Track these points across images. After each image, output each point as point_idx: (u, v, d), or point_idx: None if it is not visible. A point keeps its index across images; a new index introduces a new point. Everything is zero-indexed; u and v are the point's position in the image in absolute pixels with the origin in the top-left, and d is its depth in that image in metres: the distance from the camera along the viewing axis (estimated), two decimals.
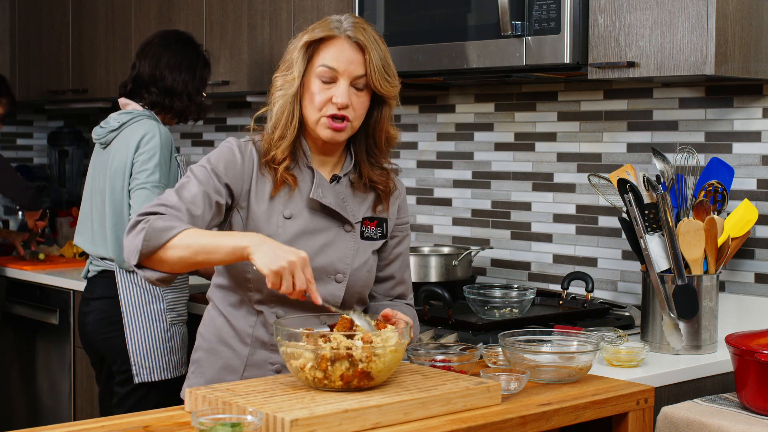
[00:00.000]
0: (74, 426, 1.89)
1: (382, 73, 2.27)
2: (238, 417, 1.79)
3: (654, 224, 2.72)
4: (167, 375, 3.33)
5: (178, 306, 3.39)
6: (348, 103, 2.25)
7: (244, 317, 2.35)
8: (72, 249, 4.65)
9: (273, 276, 2.04)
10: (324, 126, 2.27)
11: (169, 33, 3.60)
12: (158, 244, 2.14)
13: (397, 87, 2.32)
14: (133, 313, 3.32)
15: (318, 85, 2.26)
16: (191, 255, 2.13)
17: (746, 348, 2.34)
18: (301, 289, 2.06)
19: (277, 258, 2.05)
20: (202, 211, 2.22)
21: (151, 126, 3.34)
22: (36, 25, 5.04)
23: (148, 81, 3.45)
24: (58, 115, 5.59)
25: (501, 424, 1.96)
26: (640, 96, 3.20)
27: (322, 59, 2.26)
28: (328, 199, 2.31)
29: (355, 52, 2.26)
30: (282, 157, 2.29)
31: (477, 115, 3.65)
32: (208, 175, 2.26)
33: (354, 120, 2.28)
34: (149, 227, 2.14)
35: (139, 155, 3.29)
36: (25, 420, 4.44)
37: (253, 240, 2.10)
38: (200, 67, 3.53)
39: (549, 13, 2.82)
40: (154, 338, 3.32)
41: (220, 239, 2.13)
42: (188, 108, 3.50)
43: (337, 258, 2.32)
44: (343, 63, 2.25)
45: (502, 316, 2.97)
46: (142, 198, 3.24)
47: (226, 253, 2.12)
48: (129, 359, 3.32)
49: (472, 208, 3.68)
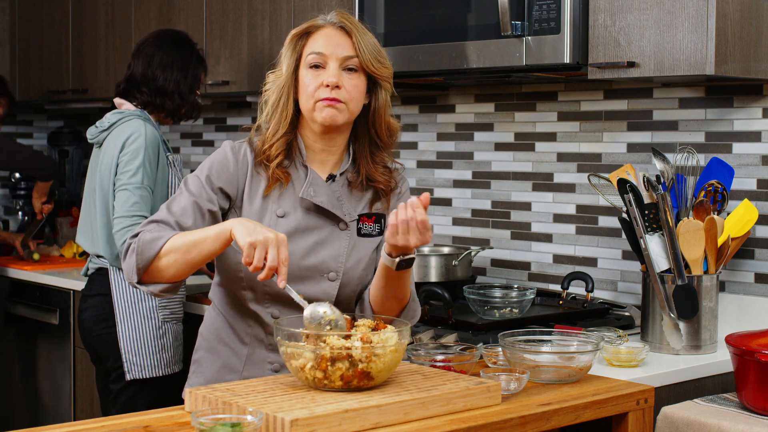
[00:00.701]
0: (74, 426, 1.90)
1: (372, 52, 2.29)
2: (238, 417, 1.79)
3: (654, 224, 2.72)
4: (158, 372, 3.35)
5: (170, 304, 3.39)
6: (339, 83, 2.26)
7: (241, 317, 2.36)
8: (72, 249, 4.65)
9: (248, 248, 2.06)
10: (320, 108, 2.27)
11: (164, 32, 3.62)
12: (151, 255, 2.18)
13: (389, 69, 2.34)
14: (126, 310, 3.34)
15: (309, 74, 2.29)
16: (183, 254, 2.17)
17: (746, 348, 2.34)
18: (272, 266, 2.06)
19: (255, 232, 2.08)
20: (192, 221, 2.26)
21: (137, 126, 3.36)
22: (36, 25, 5.04)
23: (140, 81, 3.48)
24: (58, 115, 5.59)
25: (501, 424, 1.96)
26: (640, 96, 3.20)
27: (310, 48, 2.30)
28: (319, 198, 2.31)
29: (342, 36, 2.29)
30: (275, 154, 2.30)
31: (477, 115, 3.65)
32: (200, 184, 2.29)
33: (349, 102, 2.28)
34: (139, 242, 2.20)
35: (123, 155, 3.32)
36: (26, 420, 4.44)
37: (235, 221, 2.14)
38: (193, 66, 3.54)
39: (549, 13, 2.82)
40: (145, 335, 3.34)
41: (207, 230, 2.18)
42: (180, 107, 3.52)
43: (330, 257, 2.32)
44: (331, 46, 2.28)
45: (502, 316, 2.97)
46: (123, 199, 3.27)
47: (213, 239, 2.15)
48: (121, 356, 3.34)
49: (472, 208, 3.68)
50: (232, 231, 2.11)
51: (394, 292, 2.29)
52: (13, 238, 4.65)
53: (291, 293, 2.12)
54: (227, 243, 2.15)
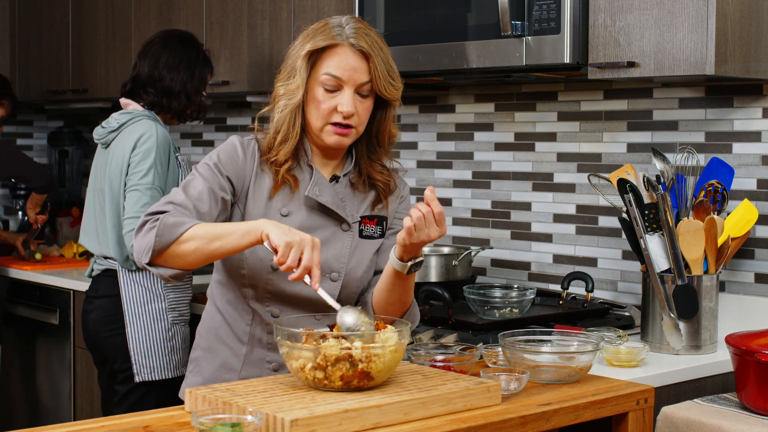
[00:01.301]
0: (74, 426, 1.89)
1: (386, 78, 2.27)
2: (238, 417, 1.79)
3: (654, 224, 2.72)
4: (167, 374, 3.34)
5: (179, 306, 3.39)
6: (353, 112, 2.25)
7: (241, 315, 2.35)
8: (72, 249, 4.65)
9: (285, 247, 2.04)
10: (330, 133, 2.27)
11: (171, 33, 3.61)
12: (171, 239, 2.15)
13: (400, 89, 2.32)
14: (135, 311, 3.33)
15: (322, 93, 2.26)
16: (205, 244, 2.14)
17: (746, 348, 2.34)
18: (307, 266, 2.05)
19: (292, 233, 2.07)
20: (208, 207, 2.24)
21: (148, 126, 3.35)
22: (36, 25, 5.04)
23: (146, 81, 3.47)
24: (58, 115, 5.59)
25: (501, 424, 1.96)
26: (640, 96, 3.20)
27: (325, 67, 2.25)
28: (324, 198, 2.31)
29: (359, 60, 2.25)
30: (284, 159, 2.30)
31: (477, 115, 3.65)
32: (211, 171, 2.28)
33: (358, 126, 2.28)
34: (161, 224, 2.16)
35: (134, 156, 3.31)
36: (26, 420, 4.44)
37: (267, 222, 2.12)
38: (200, 67, 3.53)
39: (549, 13, 2.82)
40: (155, 337, 3.33)
41: (235, 224, 2.16)
42: (187, 108, 3.51)
43: (333, 257, 2.32)
44: (348, 71, 2.24)
45: (502, 316, 2.97)
46: (134, 199, 3.26)
47: (240, 235, 2.13)
48: (130, 358, 3.32)
49: (472, 208, 3.68)
50: (265, 231, 2.09)
51: (399, 296, 2.30)
52: (14, 238, 4.65)
53: (324, 296, 2.11)
54: (256, 242, 2.12)
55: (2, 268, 4.50)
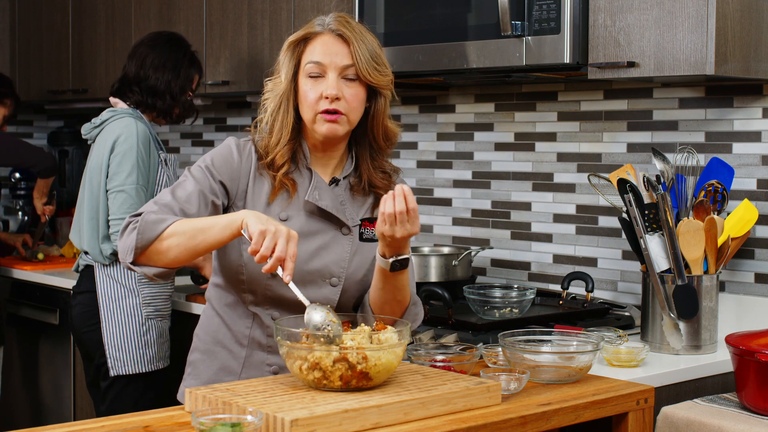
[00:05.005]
0: (74, 426, 1.90)
1: (369, 61, 2.26)
2: (238, 417, 1.79)
3: (654, 224, 2.72)
4: (142, 369, 3.38)
5: (155, 301, 3.41)
6: (338, 95, 2.23)
7: (240, 318, 2.34)
8: (72, 249, 4.65)
9: (258, 235, 2.03)
10: (321, 122, 2.25)
11: (159, 34, 3.67)
12: (152, 236, 2.15)
13: (388, 76, 2.30)
14: (110, 307, 3.37)
15: (308, 83, 2.26)
16: (188, 239, 2.14)
17: (746, 348, 2.34)
18: (279, 257, 2.03)
19: (267, 222, 2.06)
20: (197, 210, 2.23)
21: (128, 124, 3.39)
22: (36, 25, 5.04)
23: (133, 80, 3.54)
24: (58, 115, 5.59)
25: (501, 424, 1.96)
26: (640, 96, 3.20)
27: (308, 56, 2.27)
28: (324, 202, 2.30)
29: (340, 44, 2.26)
30: (281, 162, 2.28)
31: (477, 115, 3.65)
32: (204, 174, 2.27)
33: (349, 113, 2.26)
34: (142, 221, 2.16)
35: (114, 156, 3.35)
36: (27, 420, 4.44)
37: (248, 212, 2.11)
38: (186, 67, 3.58)
39: (549, 13, 2.82)
40: (128, 332, 3.36)
41: (217, 217, 2.15)
42: (172, 107, 3.56)
43: (333, 261, 2.31)
44: (329, 55, 2.25)
45: (502, 316, 2.97)
46: (120, 200, 3.29)
47: (222, 227, 2.12)
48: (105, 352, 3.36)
49: (472, 208, 3.68)
50: (245, 220, 2.08)
51: (393, 295, 2.28)
52: (14, 238, 4.65)
53: (294, 290, 2.08)
54: (236, 233, 2.11)
55: (4, 269, 4.50)
